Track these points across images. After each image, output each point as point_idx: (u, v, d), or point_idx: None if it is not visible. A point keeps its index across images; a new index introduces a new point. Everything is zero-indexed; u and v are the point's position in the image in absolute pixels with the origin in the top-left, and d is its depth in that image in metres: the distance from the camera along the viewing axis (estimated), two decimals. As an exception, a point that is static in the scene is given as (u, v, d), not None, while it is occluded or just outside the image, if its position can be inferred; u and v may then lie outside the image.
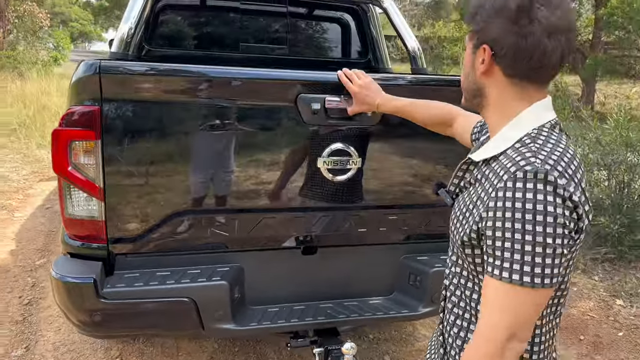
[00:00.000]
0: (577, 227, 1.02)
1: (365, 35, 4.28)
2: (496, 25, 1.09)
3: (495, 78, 1.14)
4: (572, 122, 4.90)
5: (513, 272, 1.00)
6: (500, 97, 1.15)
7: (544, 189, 0.99)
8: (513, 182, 1.01)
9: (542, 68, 1.09)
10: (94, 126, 1.95)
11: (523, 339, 1.03)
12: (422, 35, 22.48)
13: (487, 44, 1.11)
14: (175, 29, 4.08)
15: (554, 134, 1.09)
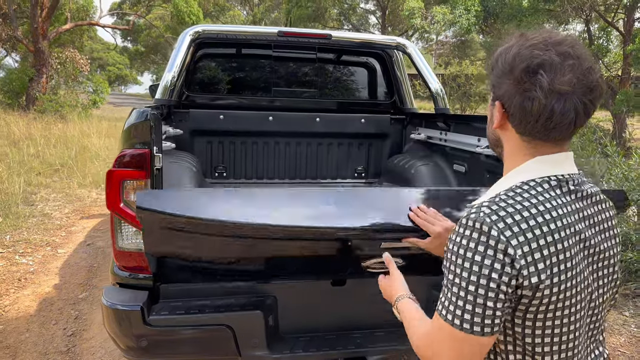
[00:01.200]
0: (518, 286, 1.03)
1: (391, 78, 4.48)
2: (506, 85, 1.13)
3: (509, 132, 1.18)
4: (599, 158, 4.94)
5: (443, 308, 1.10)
6: (512, 150, 1.19)
7: (477, 238, 1.05)
8: (457, 227, 1.10)
9: (553, 129, 1.09)
10: (144, 167, 2.16)
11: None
12: (450, 74, 22.74)
13: (500, 101, 1.16)
14: (211, 75, 4.37)
15: (534, 192, 1.10)
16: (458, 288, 1.06)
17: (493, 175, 3.09)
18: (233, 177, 4.26)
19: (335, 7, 25.77)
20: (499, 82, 1.15)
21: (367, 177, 4.53)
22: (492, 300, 1.03)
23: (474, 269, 1.04)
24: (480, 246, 1.04)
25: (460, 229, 1.09)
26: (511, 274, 1.03)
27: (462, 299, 1.05)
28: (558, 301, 1.06)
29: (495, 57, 1.18)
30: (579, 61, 1.08)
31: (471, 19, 16.29)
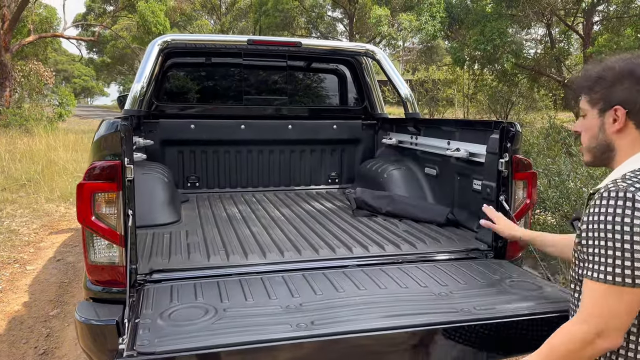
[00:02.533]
0: None
1: (361, 84, 4.54)
2: (623, 89, 1.39)
3: (628, 132, 1.41)
4: (564, 158, 5.09)
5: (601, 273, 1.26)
6: (629, 145, 1.41)
7: (623, 205, 1.24)
8: (599, 201, 1.29)
9: None
10: (115, 179, 2.13)
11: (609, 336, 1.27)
12: (417, 79, 23.06)
13: (621, 104, 1.40)
14: (181, 84, 4.34)
15: None
16: (613, 250, 1.24)
17: (464, 177, 3.15)
18: (206, 187, 4.22)
19: (303, 16, 25.90)
20: (612, 91, 1.41)
21: (340, 183, 4.56)
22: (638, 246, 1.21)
23: (625, 229, 1.22)
24: (627, 210, 1.23)
25: (604, 201, 1.28)
26: None
27: (620, 257, 1.23)
28: None
29: (597, 75, 1.45)
30: None
31: (437, 26, 16.57)
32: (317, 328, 1.76)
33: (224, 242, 2.74)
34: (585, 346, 1.30)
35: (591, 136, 1.49)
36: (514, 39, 15.85)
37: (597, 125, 1.47)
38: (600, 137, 1.47)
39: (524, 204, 2.63)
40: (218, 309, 1.90)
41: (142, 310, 1.93)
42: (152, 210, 3.12)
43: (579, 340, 1.31)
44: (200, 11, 34.60)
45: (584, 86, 1.49)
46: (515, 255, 2.70)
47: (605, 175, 4.69)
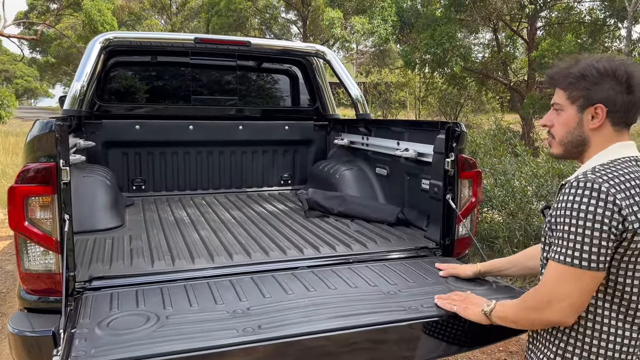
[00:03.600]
0: (623, 230, 1.34)
1: (312, 85, 4.52)
2: (605, 88, 1.46)
3: (604, 129, 1.49)
4: (510, 158, 5.24)
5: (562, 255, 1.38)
6: (602, 140, 1.50)
7: (589, 194, 1.35)
8: (568, 189, 1.40)
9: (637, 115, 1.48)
10: (50, 182, 2.02)
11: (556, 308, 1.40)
12: (371, 82, 23.33)
13: (602, 103, 1.47)
14: (127, 84, 4.19)
15: (624, 165, 1.43)
16: (575, 235, 1.36)
17: (413, 177, 3.19)
18: (153, 190, 4.09)
19: (257, 17, 25.74)
20: (594, 89, 1.48)
21: (293, 184, 4.52)
22: (605, 239, 1.33)
23: (588, 217, 1.34)
24: (592, 199, 1.34)
25: (572, 190, 1.39)
26: (619, 219, 1.33)
27: (580, 242, 1.35)
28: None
29: (580, 72, 1.50)
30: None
31: (388, 29, 16.82)
32: (264, 332, 1.71)
33: (170, 247, 2.65)
34: (534, 312, 1.49)
35: (567, 131, 1.55)
36: (463, 43, 16.28)
37: (575, 121, 1.53)
38: (576, 132, 1.54)
39: (469, 202, 2.67)
40: (160, 316, 1.83)
41: (79, 320, 1.83)
42: (93, 215, 2.99)
43: (531, 307, 1.50)
44: (150, 10, 33.77)
45: (564, 82, 1.54)
46: (462, 252, 2.75)
47: (548, 174, 4.87)
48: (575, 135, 1.54)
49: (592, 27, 16.49)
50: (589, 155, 1.53)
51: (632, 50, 14.99)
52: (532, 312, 1.49)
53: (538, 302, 1.47)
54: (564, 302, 1.40)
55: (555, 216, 1.44)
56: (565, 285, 1.39)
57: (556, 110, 1.59)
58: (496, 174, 5.02)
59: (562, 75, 1.55)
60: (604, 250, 1.34)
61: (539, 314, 1.47)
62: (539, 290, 1.48)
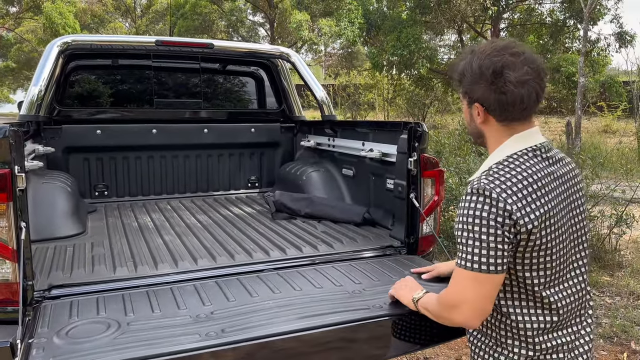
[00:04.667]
0: (517, 232, 1.38)
1: (278, 87, 4.51)
2: (479, 88, 1.48)
3: (491, 124, 1.53)
4: (474, 157, 5.34)
5: (462, 260, 1.42)
6: (495, 137, 1.53)
7: (482, 201, 1.39)
8: (465, 196, 1.45)
9: (525, 110, 1.46)
10: (5, 188, 1.96)
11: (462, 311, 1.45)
12: (340, 84, 23.42)
13: (478, 102, 1.50)
14: (87, 88, 4.11)
15: (518, 161, 1.45)
16: (473, 240, 1.40)
17: (378, 177, 3.22)
18: (116, 195, 4.01)
19: (223, 19, 25.56)
20: (472, 89, 1.50)
21: (260, 187, 4.51)
22: (500, 243, 1.37)
23: (483, 223, 1.38)
24: (485, 206, 1.38)
25: (468, 197, 1.43)
26: (510, 223, 1.37)
27: (477, 247, 1.39)
28: (547, 241, 1.42)
29: (461, 71, 1.53)
30: (526, 56, 1.44)
31: (355, 31, 16.94)
32: (227, 336, 1.70)
33: (133, 253, 2.61)
34: (444, 312, 1.54)
35: (468, 122, 1.64)
36: (428, 45, 16.53)
37: (469, 115, 1.60)
38: (472, 125, 1.61)
39: (432, 200, 2.71)
40: (121, 323, 1.80)
41: (37, 329, 1.79)
42: (52, 222, 2.92)
43: (442, 306, 1.55)
44: (114, 14, 33.14)
45: (455, 79, 1.59)
46: (427, 250, 2.79)
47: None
48: (472, 127, 1.61)
49: (553, 28, 16.98)
50: (490, 147, 1.57)
51: (591, 51, 15.49)
52: (443, 311, 1.55)
53: (446, 304, 1.53)
54: (466, 305, 1.44)
55: (457, 223, 1.48)
56: (467, 290, 1.43)
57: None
58: (461, 173, 5.11)
59: (452, 71, 1.61)
60: (501, 253, 1.39)
61: (447, 314, 1.52)
62: (447, 293, 1.53)
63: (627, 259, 5.39)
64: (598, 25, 15.54)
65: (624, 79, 16.53)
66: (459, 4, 15.97)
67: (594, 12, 14.10)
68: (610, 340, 3.75)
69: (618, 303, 4.36)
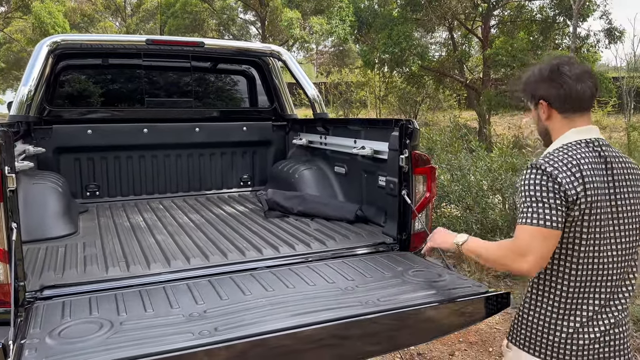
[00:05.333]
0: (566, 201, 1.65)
1: (269, 86, 4.51)
2: (542, 86, 1.80)
3: (554, 119, 1.81)
4: (465, 154, 5.36)
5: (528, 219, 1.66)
6: (558, 129, 1.81)
7: (541, 175, 1.68)
8: (527, 170, 1.74)
9: (581, 102, 1.76)
10: (-5, 189, 1.95)
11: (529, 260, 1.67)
12: (331, 82, 23.39)
13: (542, 99, 1.81)
14: (78, 88, 4.08)
15: (571, 148, 1.73)
16: (537, 202, 1.67)
17: (370, 174, 3.23)
18: (107, 195, 3.99)
19: (214, 18, 25.46)
20: (535, 89, 1.83)
21: (253, 185, 4.51)
22: (559, 205, 1.65)
23: (543, 189, 1.66)
24: (543, 177, 1.67)
25: (527, 171, 1.74)
26: (562, 191, 1.65)
27: (541, 207, 1.66)
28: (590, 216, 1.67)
29: (525, 80, 1.88)
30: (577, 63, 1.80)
31: (347, 29, 16.91)
32: (220, 334, 1.71)
33: (125, 253, 2.60)
34: (507, 259, 1.74)
35: (535, 124, 1.94)
36: (420, 42, 16.54)
37: (536, 116, 1.90)
38: (540, 125, 1.90)
39: (424, 197, 2.73)
40: (114, 323, 1.79)
41: (29, 330, 1.78)
42: (44, 223, 2.91)
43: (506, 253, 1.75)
44: (104, 13, 32.89)
45: (522, 91, 1.92)
46: (419, 247, 2.80)
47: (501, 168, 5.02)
48: (540, 126, 1.90)
49: (543, 24, 17.04)
50: (553, 137, 1.85)
51: (581, 47, 15.58)
52: (506, 258, 1.75)
53: (514, 252, 1.72)
54: (533, 255, 1.67)
55: (519, 191, 1.76)
56: (535, 242, 1.67)
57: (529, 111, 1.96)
58: (452, 170, 5.13)
59: (519, 82, 1.94)
60: (560, 212, 1.65)
61: (511, 261, 1.73)
62: (515, 243, 1.73)
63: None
64: (587, 22, 15.62)
65: (613, 74, 16.64)
66: (449, 1, 16.00)
67: (583, 9, 14.18)
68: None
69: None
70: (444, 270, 2.37)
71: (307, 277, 2.26)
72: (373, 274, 2.31)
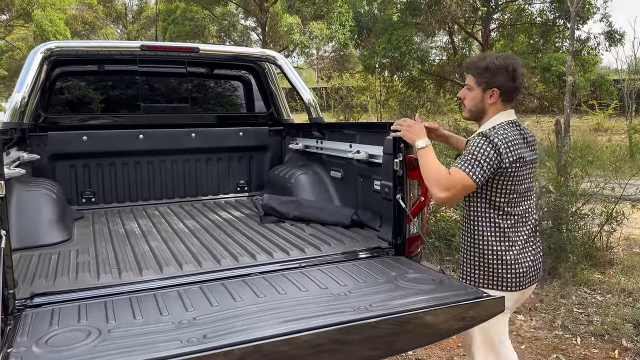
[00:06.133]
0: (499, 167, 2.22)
1: (266, 90, 4.50)
2: (499, 79, 2.31)
3: (497, 105, 2.36)
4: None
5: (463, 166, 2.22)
6: (493, 113, 2.37)
7: (487, 143, 2.22)
8: (477, 138, 2.27)
9: (518, 96, 2.41)
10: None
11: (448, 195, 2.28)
12: (332, 87, 23.42)
13: (497, 88, 2.32)
14: (73, 94, 4.08)
15: (506, 127, 2.30)
16: (476, 162, 2.20)
17: (365, 179, 3.21)
18: (103, 202, 3.98)
19: (215, 24, 25.54)
20: (492, 78, 2.32)
21: (250, 191, 4.49)
22: (487, 169, 2.21)
23: (484, 155, 2.20)
24: (488, 144, 2.22)
25: (478, 138, 2.27)
26: (498, 159, 2.21)
27: (477, 167, 2.20)
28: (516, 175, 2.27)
29: (484, 66, 2.34)
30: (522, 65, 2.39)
31: (347, 34, 16.93)
32: (209, 341, 1.68)
33: (118, 260, 2.59)
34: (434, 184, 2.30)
35: (474, 103, 2.41)
36: (420, 47, 16.55)
37: (479, 98, 2.38)
38: (479, 105, 2.39)
39: (419, 201, 2.70)
40: (102, 330, 1.77)
41: (16, 338, 1.76)
42: (37, 230, 2.89)
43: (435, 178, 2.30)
44: (105, 20, 33.06)
45: (475, 71, 2.38)
46: (415, 251, 2.77)
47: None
48: (479, 107, 2.40)
49: (543, 27, 17.03)
50: (485, 120, 2.39)
51: (581, 50, 15.56)
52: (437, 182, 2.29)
53: (444, 183, 2.27)
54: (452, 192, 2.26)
55: (468, 149, 2.26)
56: (458, 185, 2.24)
57: (468, 89, 2.43)
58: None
59: (474, 66, 2.39)
60: (485, 174, 2.21)
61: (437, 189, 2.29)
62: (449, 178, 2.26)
63: (619, 256, 5.40)
64: (588, 25, 15.53)
65: (614, 77, 16.61)
66: (449, 5, 16.00)
67: (583, 11, 14.16)
68: (601, 338, 3.75)
69: (609, 300, 4.36)
70: (439, 275, 2.34)
71: (299, 283, 2.24)
72: (367, 279, 2.29)
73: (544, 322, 4.01)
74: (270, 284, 2.24)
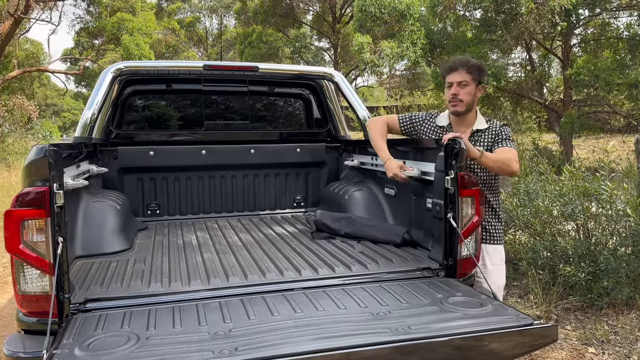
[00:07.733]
0: None
1: (324, 107, 4.53)
2: (483, 75, 2.93)
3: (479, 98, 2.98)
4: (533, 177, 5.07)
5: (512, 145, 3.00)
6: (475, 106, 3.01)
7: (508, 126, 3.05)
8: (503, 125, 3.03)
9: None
10: (43, 205, 2.07)
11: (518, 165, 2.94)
12: (402, 104, 23.24)
13: (483, 84, 2.96)
14: (142, 112, 4.31)
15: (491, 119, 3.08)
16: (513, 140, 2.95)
17: (418, 196, 3.12)
18: (167, 214, 4.15)
19: (288, 46, 26.23)
20: (482, 75, 2.93)
21: (306, 206, 4.51)
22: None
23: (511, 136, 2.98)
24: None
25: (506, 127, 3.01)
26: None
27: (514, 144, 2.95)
28: None
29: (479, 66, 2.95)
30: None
31: (418, 52, 16.80)
32: (240, 354, 1.68)
33: (170, 270, 2.67)
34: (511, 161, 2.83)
35: (471, 97, 2.94)
36: (496, 64, 16.05)
37: (473, 92, 2.95)
38: (472, 99, 2.95)
39: (472, 221, 2.58)
40: (141, 337, 1.83)
41: (62, 341, 1.85)
42: (101, 238, 3.05)
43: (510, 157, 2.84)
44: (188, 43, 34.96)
45: (470, 69, 2.91)
46: (468, 273, 2.65)
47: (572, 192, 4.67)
48: (472, 101, 2.95)
49: (631, 42, 15.98)
50: (472, 112, 3.02)
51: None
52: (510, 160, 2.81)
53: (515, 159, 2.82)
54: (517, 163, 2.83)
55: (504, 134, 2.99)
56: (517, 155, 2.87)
57: (464, 84, 2.92)
58: (519, 194, 4.86)
59: (468, 64, 2.90)
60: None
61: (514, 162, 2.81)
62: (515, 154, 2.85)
63: None
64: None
65: None
66: (526, 21, 15.43)
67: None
68: None
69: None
70: (488, 299, 2.22)
71: (339, 300, 2.20)
72: (410, 299, 2.21)
73: (618, 356, 3.67)
74: (309, 300, 2.22)
